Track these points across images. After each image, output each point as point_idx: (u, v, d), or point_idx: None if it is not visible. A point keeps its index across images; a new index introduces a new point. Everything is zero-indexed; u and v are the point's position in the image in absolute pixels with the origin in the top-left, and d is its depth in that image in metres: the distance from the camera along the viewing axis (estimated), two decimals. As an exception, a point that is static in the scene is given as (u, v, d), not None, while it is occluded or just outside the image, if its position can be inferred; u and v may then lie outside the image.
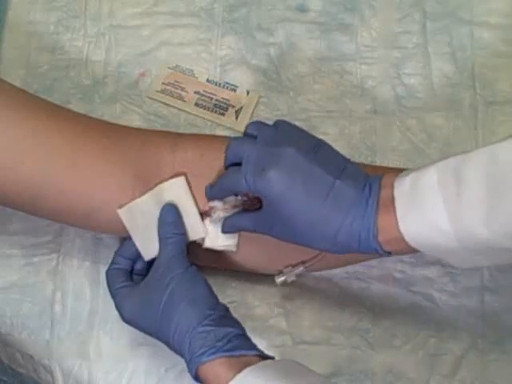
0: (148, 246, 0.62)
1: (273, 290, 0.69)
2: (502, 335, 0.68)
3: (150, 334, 0.60)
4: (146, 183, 0.62)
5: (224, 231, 0.61)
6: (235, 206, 0.61)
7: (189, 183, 0.62)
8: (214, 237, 0.62)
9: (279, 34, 0.80)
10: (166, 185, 0.62)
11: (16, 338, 0.69)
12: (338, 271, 0.69)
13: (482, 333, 0.68)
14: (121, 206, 0.61)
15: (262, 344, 0.58)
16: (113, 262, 0.64)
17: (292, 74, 0.78)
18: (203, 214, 0.62)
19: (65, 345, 0.68)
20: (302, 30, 0.80)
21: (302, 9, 0.82)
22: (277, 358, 0.56)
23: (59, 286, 0.70)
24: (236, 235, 0.63)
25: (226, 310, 0.59)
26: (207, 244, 0.62)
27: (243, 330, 0.58)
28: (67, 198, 0.61)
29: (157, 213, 0.62)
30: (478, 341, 0.68)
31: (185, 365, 0.56)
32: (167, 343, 0.58)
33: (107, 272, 0.63)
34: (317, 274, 0.69)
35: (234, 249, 0.63)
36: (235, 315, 0.59)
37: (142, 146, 0.63)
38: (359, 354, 0.68)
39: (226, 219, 0.61)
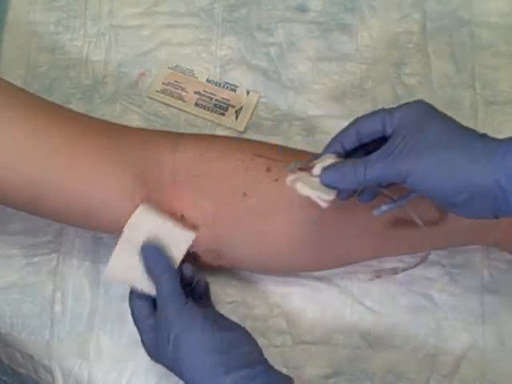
0: (149, 286, 0.60)
1: (273, 290, 0.69)
2: (501, 335, 0.68)
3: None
4: (146, 183, 0.62)
5: (322, 177, 0.55)
6: None
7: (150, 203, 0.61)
8: (313, 186, 0.55)
9: (279, 34, 0.80)
10: (129, 224, 0.60)
11: (16, 337, 0.69)
12: (337, 271, 0.69)
13: (482, 333, 0.68)
14: (106, 272, 0.60)
15: (262, 344, 0.57)
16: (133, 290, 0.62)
17: (292, 74, 0.79)
18: (303, 170, 0.57)
19: (65, 345, 0.68)
20: (301, 30, 0.80)
21: (302, 9, 0.82)
22: (277, 358, 0.56)
23: (59, 285, 0.70)
24: (334, 194, 0.56)
25: (236, 329, 0.58)
26: (301, 190, 0.55)
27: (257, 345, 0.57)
28: (67, 198, 0.61)
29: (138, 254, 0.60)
30: (478, 341, 0.68)
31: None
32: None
33: (130, 301, 0.61)
34: (317, 274, 0.69)
35: (324, 205, 0.56)
36: (235, 315, 0.59)
37: (142, 146, 0.63)
38: (359, 353, 0.68)
39: (332, 164, 0.54)
